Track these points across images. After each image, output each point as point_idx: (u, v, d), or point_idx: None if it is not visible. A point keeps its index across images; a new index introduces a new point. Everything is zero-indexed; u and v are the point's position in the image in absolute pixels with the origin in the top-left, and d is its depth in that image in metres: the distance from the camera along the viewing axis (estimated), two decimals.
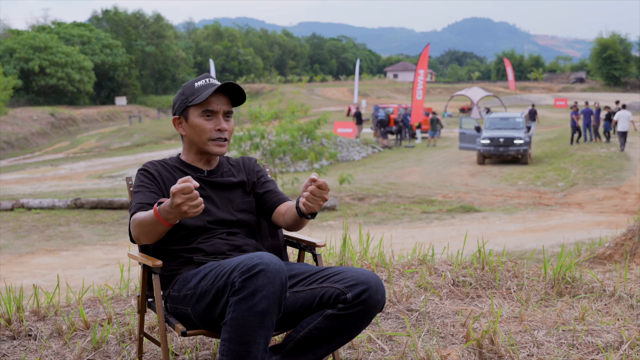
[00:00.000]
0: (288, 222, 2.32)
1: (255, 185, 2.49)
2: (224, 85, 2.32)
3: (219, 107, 2.33)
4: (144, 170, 2.35)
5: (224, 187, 2.41)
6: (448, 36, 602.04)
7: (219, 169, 2.45)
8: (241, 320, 1.91)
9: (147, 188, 2.29)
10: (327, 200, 2.11)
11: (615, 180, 17.10)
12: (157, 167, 2.38)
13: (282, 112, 17.69)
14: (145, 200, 2.24)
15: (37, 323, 2.95)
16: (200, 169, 2.41)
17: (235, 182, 2.43)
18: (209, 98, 2.32)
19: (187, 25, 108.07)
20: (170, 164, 2.40)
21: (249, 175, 2.50)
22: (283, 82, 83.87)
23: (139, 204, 2.23)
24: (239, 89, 2.35)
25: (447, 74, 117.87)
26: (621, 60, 70.99)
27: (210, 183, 2.40)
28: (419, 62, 33.36)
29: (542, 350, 2.55)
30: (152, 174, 2.34)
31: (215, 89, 2.32)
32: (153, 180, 2.33)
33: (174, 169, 2.39)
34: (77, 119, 48.72)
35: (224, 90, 2.35)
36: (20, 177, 23.87)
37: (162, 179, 2.34)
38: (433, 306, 3.08)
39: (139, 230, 2.12)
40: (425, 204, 14.73)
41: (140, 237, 2.14)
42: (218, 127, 2.33)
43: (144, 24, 75.58)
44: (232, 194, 2.41)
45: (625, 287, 3.37)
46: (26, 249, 10.98)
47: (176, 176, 2.36)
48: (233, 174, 2.47)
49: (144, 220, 2.08)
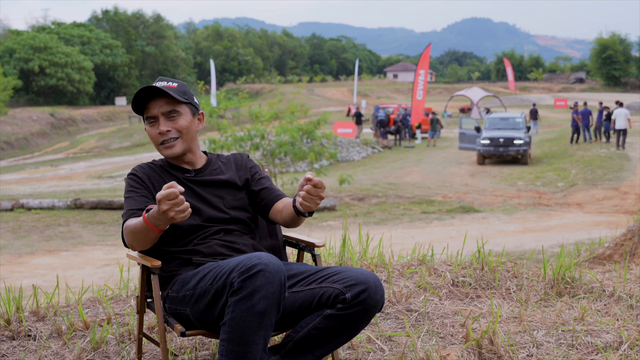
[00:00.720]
0: (285, 220, 2.31)
1: (249, 182, 2.48)
2: (142, 89, 2.29)
3: (155, 110, 2.32)
4: (133, 175, 2.36)
5: (212, 184, 2.41)
6: (448, 36, 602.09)
7: (207, 167, 2.44)
8: (240, 321, 1.91)
9: (136, 193, 2.30)
10: (323, 199, 2.10)
11: (615, 180, 17.10)
12: (146, 169, 2.38)
13: (282, 112, 17.68)
14: (135, 206, 2.25)
15: (36, 323, 2.95)
16: (187, 169, 2.41)
17: (223, 179, 2.42)
18: (147, 105, 2.33)
19: (187, 25, 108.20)
20: (158, 165, 2.42)
21: (240, 171, 2.49)
22: (283, 83, 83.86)
23: (130, 210, 2.25)
24: (165, 89, 2.29)
25: (447, 74, 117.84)
26: (621, 60, 71.02)
27: (198, 182, 2.39)
28: (419, 62, 33.28)
29: (542, 351, 2.55)
30: (140, 178, 2.35)
31: (141, 96, 2.30)
32: (142, 184, 2.34)
33: (162, 170, 2.40)
34: (77, 119, 48.72)
35: (159, 93, 2.31)
36: (20, 177, 23.86)
37: (151, 182, 2.35)
38: (432, 306, 3.08)
39: (132, 238, 2.14)
40: (425, 204, 14.73)
41: (134, 244, 2.17)
42: (158, 132, 2.33)
43: (144, 24, 75.61)
44: (222, 191, 2.40)
45: (625, 287, 3.37)
46: (26, 249, 10.98)
47: (164, 177, 2.37)
48: (222, 171, 2.46)
49: (135, 228, 2.10)
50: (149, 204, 2.27)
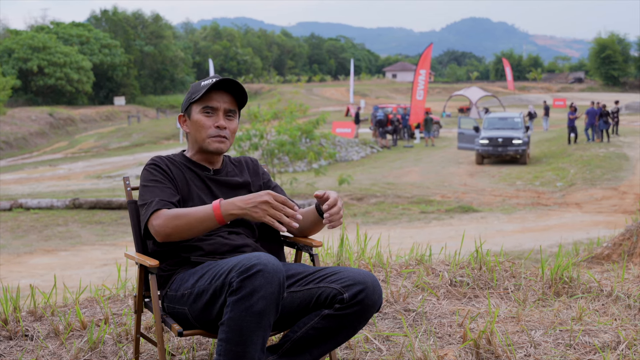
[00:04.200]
0: (302, 230, 2.38)
1: (261, 189, 2.47)
2: (223, 80, 2.30)
3: (219, 104, 2.32)
4: (155, 165, 2.31)
5: (229, 186, 2.40)
6: (447, 36, 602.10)
7: (223, 168, 2.44)
8: (238, 321, 1.91)
9: (162, 184, 2.26)
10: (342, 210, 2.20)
11: (613, 180, 17.11)
12: (167, 162, 2.35)
13: (281, 112, 17.69)
14: (166, 198, 2.21)
15: (33, 323, 2.95)
16: (207, 167, 2.40)
17: (240, 182, 2.42)
18: (210, 95, 2.31)
19: (185, 25, 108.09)
20: (177, 161, 2.38)
21: (254, 176, 2.49)
22: (282, 82, 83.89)
23: (161, 200, 2.19)
24: (239, 86, 2.33)
25: (446, 74, 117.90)
26: (620, 60, 71.11)
27: (217, 182, 2.39)
28: (419, 61, 33.17)
29: (539, 351, 2.55)
30: (163, 170, 2.30)
31: (216, 86, 2.30)
32: (166, 175, 2.29)
33: (182, 167, 2.37)
34: (76, 119, 48.68)
35: (226, 89, 2.33)
36: (18, 177, 23.85)
37: (173, 175, 2.32)
38: (430, 306, 3.08)
39: (182, 225, 2.12)
40: (423, 204, 14.73)
41: (182, 233, 2.14)
42: (217, 124, 2.31)
43: (143, 24, 75.53)
44: (236, 193, 2.40)
45: (623, 287, 3.37)
46: (24, 249, 10.97)
47: (185, 174, 2.34)
48: (237, 173, 2.46)
49: (195, 219, 2.10)
50: (178, 197, 2.25)
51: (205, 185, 2.35)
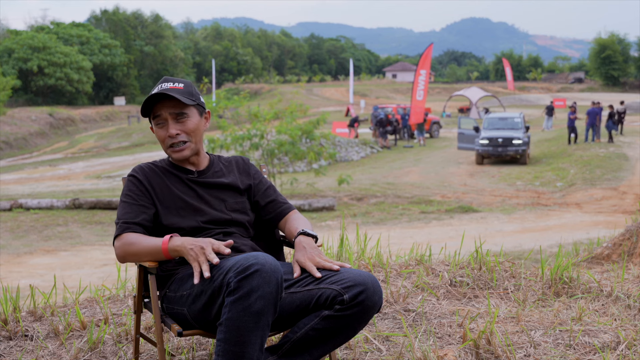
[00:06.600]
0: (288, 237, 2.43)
1: (252, 189, 2.48)
2: (152, 96, 2.29)
3: (163, 112, 2.31)
4: (133, 177, 2.34)
5: (215, 186, 2.40)
6: (447, 36, 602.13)
7: (209, 168, 2.44)
8: (237, 321, 1.91)
9: (134, 200, 2.29)
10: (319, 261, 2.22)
11: (613, 180, 17.10)
12: (147, 171, 2.36)
13: (281, 112, 17.69)
14: (130, 218, 2.25)
15: (33, 323, 2.95)
16: (190, 170, 2.40)
17: (226, 182, 2.42)
18: (155, 106, 2.32)
19: (185, 25, 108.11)
20: (160, 166, 2.40)
21: (242, 176, 2.49)
22: (282, 82, 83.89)
23: (125, 223, 2.24)
24: (175, 91, 2.30)
25: (446, 74, 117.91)
26: (620, 60, 71.09)
27: (201, 183, 2.39)
28: (420, 62, 33.09)
29: (539, 351, 2.55)
30: (141, 181, 2.33)
31: (153, 97, 2.30)
32: (141, 189, 2.32)
33: (165, 172, 2.38)
34: (76, 119, 48.69)
35: (160, 97, 2.31)
36: (18, 177, 23.85)
37: (151, 185, 2.33)
38: (430, 306, 3.08)
39: (133, 252, 2.19)
40: (423, 204, 14.73)
41: (129, 259, 2.22)
42: (168, 134, 2.32)
43: (143, 24, 75.59)
44: (224, 193, 2.40)
45: (623, 287, 3.37)
46: (24, 249, 10.97)
47: (166, 179, 2.36)
48: (224, 174, 2.45)
49: (144, 249, 2.17)
50: (146, 215, 2.27)
51: (189, 188, 2.36)
